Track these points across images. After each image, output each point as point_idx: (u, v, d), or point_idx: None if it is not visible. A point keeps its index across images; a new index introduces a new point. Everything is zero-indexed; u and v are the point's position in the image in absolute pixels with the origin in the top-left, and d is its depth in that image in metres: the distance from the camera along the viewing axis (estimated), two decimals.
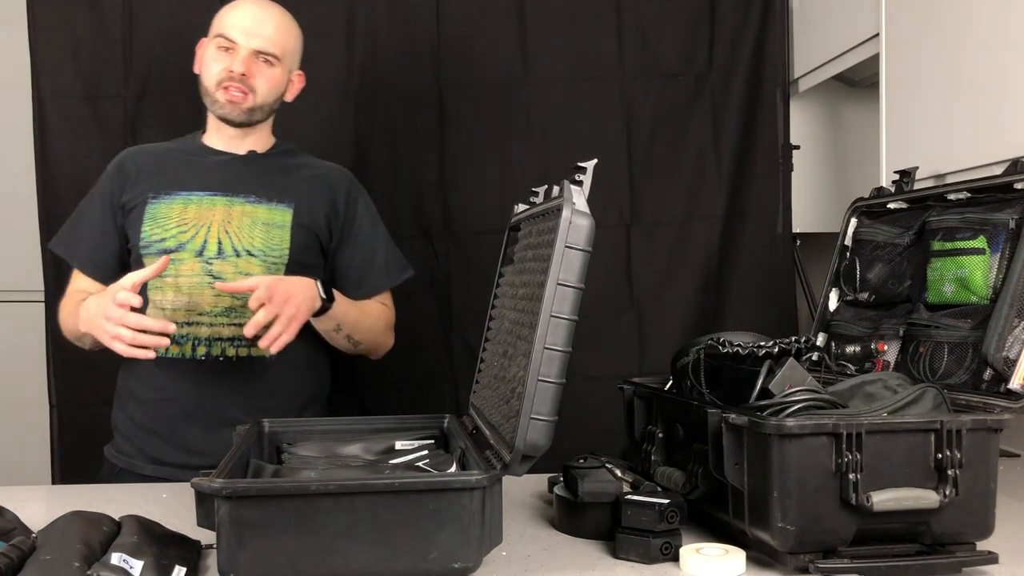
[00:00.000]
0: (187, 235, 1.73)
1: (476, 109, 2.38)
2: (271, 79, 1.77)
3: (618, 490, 1.21)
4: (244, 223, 1.75)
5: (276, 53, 1.76)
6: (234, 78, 1.73)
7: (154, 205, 1.75)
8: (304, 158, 1.90)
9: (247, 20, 1.75)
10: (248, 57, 1.73)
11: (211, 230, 1.74)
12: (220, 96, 1.75)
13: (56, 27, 2.30)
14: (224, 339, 1.72)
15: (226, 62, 1.74)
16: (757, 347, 1.21)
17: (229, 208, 1.76)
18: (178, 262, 1.72)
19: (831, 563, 1.05)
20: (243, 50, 1.73)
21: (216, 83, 1.75)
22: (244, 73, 1.73)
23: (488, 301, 1.51)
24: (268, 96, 1.78)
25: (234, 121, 1.78)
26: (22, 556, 1.00)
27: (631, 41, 2.39)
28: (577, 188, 1.07)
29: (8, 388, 2.73)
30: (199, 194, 1.76)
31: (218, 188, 1.77)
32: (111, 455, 1.80)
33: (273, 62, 1.76)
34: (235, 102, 1.75)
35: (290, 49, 1.81)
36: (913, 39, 1.80)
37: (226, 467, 1.09)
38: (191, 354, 1.71)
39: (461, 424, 1.39)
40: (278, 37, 1.77)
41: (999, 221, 1.29)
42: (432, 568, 1.00)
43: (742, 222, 2.41)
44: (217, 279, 1.71)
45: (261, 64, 1.75)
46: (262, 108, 1.78)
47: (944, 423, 1.06)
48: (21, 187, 2.36)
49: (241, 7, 1.77)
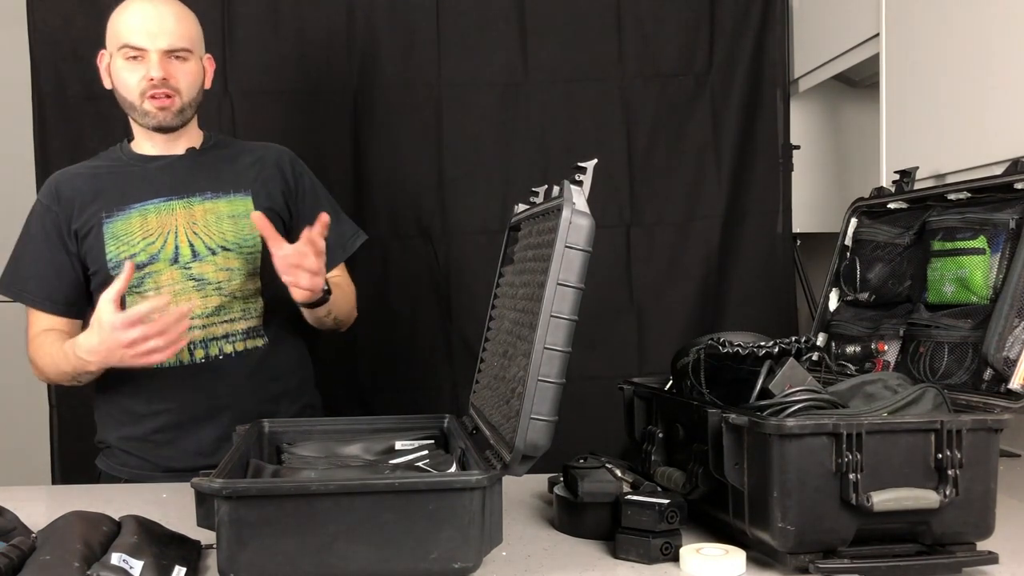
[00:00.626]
0: (156, 246, 1.70)
1: (476, 109, 2.38)
2: (190, 73, 1.72)
3: (618, 490, 1.21)
4: (210, 220, 1.73)
5: (186, 46, 1.70)
6: (156, 85, 1.67)
7: (111, 223, 1.71)
8: (240, 144, 1.88)
9: (148, 22, 1.67)
10: (161, 59, 1.67)
11: (179, 235, 1.71)
12: (148, 106, 1.70)
13: (56, 27, 2.30)
14: (219, 338, 1.72)
15: (141, 71, 1.67)
16: (757, 347, 1.21)
17: (190, 209, 1.73)
18: (155, 274, 1.69)
19: (831, 563, 1.05)
20: (154, 54, 1.66)
21: (139, 94, 1.69)
22: (164, 77, 1.67)
23: (488, 301, 1.51)
24: (192, 91, 1.73)
25: (169, 127, 1.73)
26: (22, 556, 1.01)
27: (631, 41, 2.39)
28: (577, 188, 1.07)
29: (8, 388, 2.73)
30: (154, 202, 1.72)
31: (171, 192, 1.74)
32: (109, 468, 1.77)
33: (186, 56, 1.70)
34: (165, 107, 1.70)
35: (196, 36, 1.74)
36: (913, 39, 1.80)
37: (226, 467, 1.09)
38: (189, 359, 1.71)
39: (461, 424, 1.39)
40: (182, 29, 1.70)
41: (999, 221, 1.29)
42: (432, 568, 1.00)
43: (742, 222, 2.41)
44: (201, 281, 1.70)
45: (176, 63, 1.69)
46: (191, 105, 1.74)
47: (944, 423, 1.06)
48: (21, 187, 2.36)
49: (136, 10, 1.68)
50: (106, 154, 1.83)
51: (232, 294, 1.72)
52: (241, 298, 1.74)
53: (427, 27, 2.37)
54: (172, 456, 1.72)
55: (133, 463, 1.75)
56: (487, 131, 2.38)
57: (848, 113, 2.45)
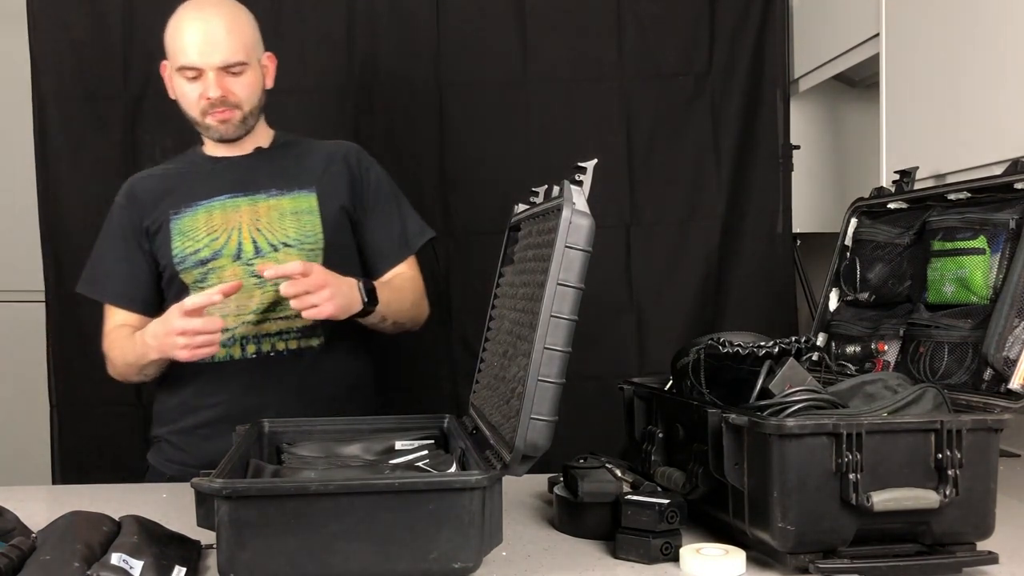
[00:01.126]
0: (219, 242, 1.72)
1: (476, 109, 2.38)
2: (248, 85, 1.73)
3: (618, 490, 1.21)
4: (273, 217, 1.74)
5: (241, 59, 1.69)
6: (214, 103, 1.70)
7: (178, 220, 1.74)
8: (309, 143, 1.89)
9: (199, 39, 1.66)
10: (218, 77, 1.68)
11: (242, 231, 1.73)
12: (209, 122, 1.73)
13: (56, 27, 2.30)
14: (272, 335, 1.72)
15: (199, 89, 1.69)
16: (757, 347, 1.21)
17: (254, 206, 1.75)
18: (218, 269, 1.71)
19: (831, 563, 1.05)
20: (210, 73, 1.67)
21: (199, 112, 1.72)
22: (223, 95, 1.69)
23: (488, 301, 1.51)
24: (252, 101, 1.75)
25: (232, 138, 1.76)
26: (22, 556, 1.01)
27: (631, 41, 2.39)
28: (577, 188, 1.07)
29: (8, 388, 2.73)
30: (220, 199, 1.75)
31: (237, 189, 1.76)
32: (159, 463, 1.79)
33: (242, 69, 1.71)
34: (226, 121, 1.72)
35: (251, 43, 1.73)
36: (913, 39, 1.80)
37: (226, 467, 1.09)
38: (240, 354, 1.72)
39: (461, 424, 1.39)
40: (236, 41, 1.69)
41: (999, 221, 1.29)
42: (432, 568, 1.00)
43: (742, 222, 2.41)
44: (262, 278, 1.70)
45: (232, 77, 1.70)
46: (252, 113, 1.76)
47: (944, 423, 1.06)
48: (21, 187, 2.36)
49: (188, 26, 1.68)
50: (180, 157, 1.87)
51: None
52: None
53: (427, 27, 2.37)
54: (214, 451, 1.71)
55: (180, 458, 1.75)
56: (487, 131, 2.38)
57: (848, 113, 2.45)
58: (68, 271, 2.30)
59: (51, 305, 2.31)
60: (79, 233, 2.28)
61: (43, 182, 2.31)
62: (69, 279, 2.30)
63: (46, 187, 2.31)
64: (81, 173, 2.31)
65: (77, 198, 2.31)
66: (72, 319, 2.29)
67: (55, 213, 2.31)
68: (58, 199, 2.31)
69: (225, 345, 1.70)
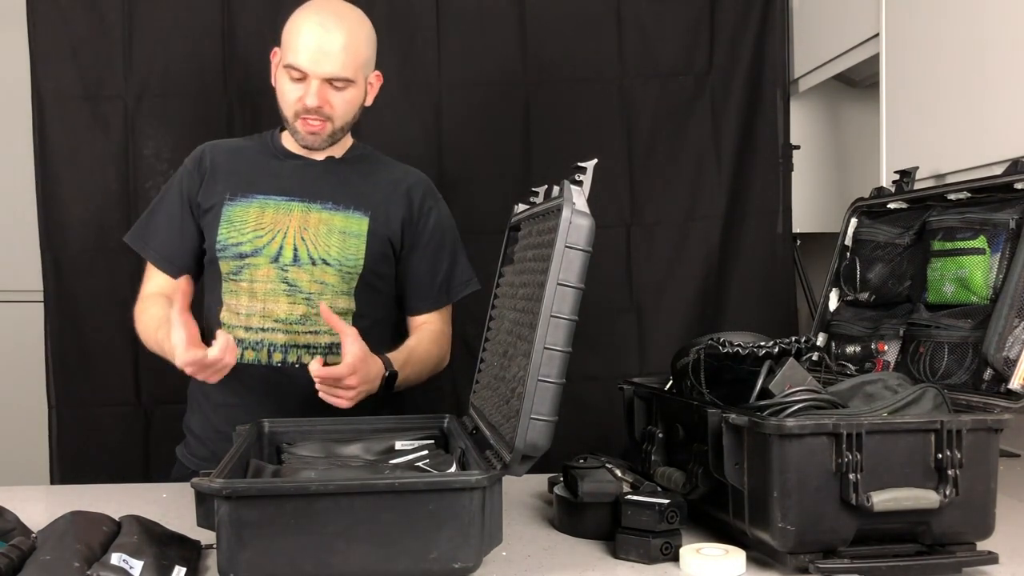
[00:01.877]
0: (263, 240, 1.71)
1: (477, 109, 2.38)
2: (347, 101, 1.71)
3: (618, 490, 1.21)
4: (320, 231, 1.72)
5: (348, 76, 1.67)
6: (309, 111, 1.68)
7: (231, 207, 1.73)
8: (382, 162, 1.86)
9: (314, 46, 1.64)
10: (320, 87, 1.66)
11: (287, 236, 1.72)
12: (299, 127, 1.71)
13: (56, 27, 2.30)
14: (300, 346, 1.71)
15: (299, 92, 1.68)
16: (757, 347, 1.21)
17: (306, 214, 1.73)
18: (254, 267, 1.71)
19: (831, 563, 1.05)
20: (315, 81, 1.65)
21: (293, 114, 1.70)
22: (319, 105, 1.67)
23: (488, 301, 1.51)
24: (347, 116, 1.73)
25: (316, 148, 1.75)
26: (22, 556, 1.01)
27: (631, 41, 2.39)
28: (577, 188, 1.07)
29: (7, 388, 2.73)
30: (276, 198, 1.74)
31: (295, 193, 1.74)
32: (184, 457, 1.79)
33: (346, 85, 1.69)
34: (315, 132, 1.71)
35: (362, 62, 1.71)
36: (913, 39, 1.80)
37: (226, 467, 1.09)
38: (267, 360, 1.71)
39: (461, 424, 1.39)
40: (348, 58, 1.66)
41: (999, 221, 1.29)
42: (432, 568, 1.00)
43: (742, 222, 2.41)
44: (292, 287, 1.70)
45: (335, 91, 1.68)
46: (343, 129, 1.75)
47: (944, 423, 1.06)
48: (21, 187, 2.36)
49: (306, 29, 1.66)
50: (258, 136, 1.86)
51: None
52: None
53: (427, 27, 2.37)
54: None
55: (202, 453, 1.75)
56: (487, 131, 2.38)
57: (848, 113, 2.45)
58: (67, 271, 2.30)
59: (50, 305, 2.31)
60: (78, 233, 2.28)
61: (42, 182, 2.30)
62: (68, 279, 2.30)
63: (46, 187, 2.30)
64: (81, 173, 2.31)
65: (77, 198, 2.31)
66: (70, 319, 2.29)
67: (54, 213, 2.31)
68: (58, 199, 2.30)
69: (253, 348, 1.70)
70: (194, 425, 1.79)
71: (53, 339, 2.30)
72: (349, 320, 1.72)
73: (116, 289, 2.20)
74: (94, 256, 2.29)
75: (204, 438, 1.77)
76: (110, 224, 2.27)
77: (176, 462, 1.81)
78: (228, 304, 1.73)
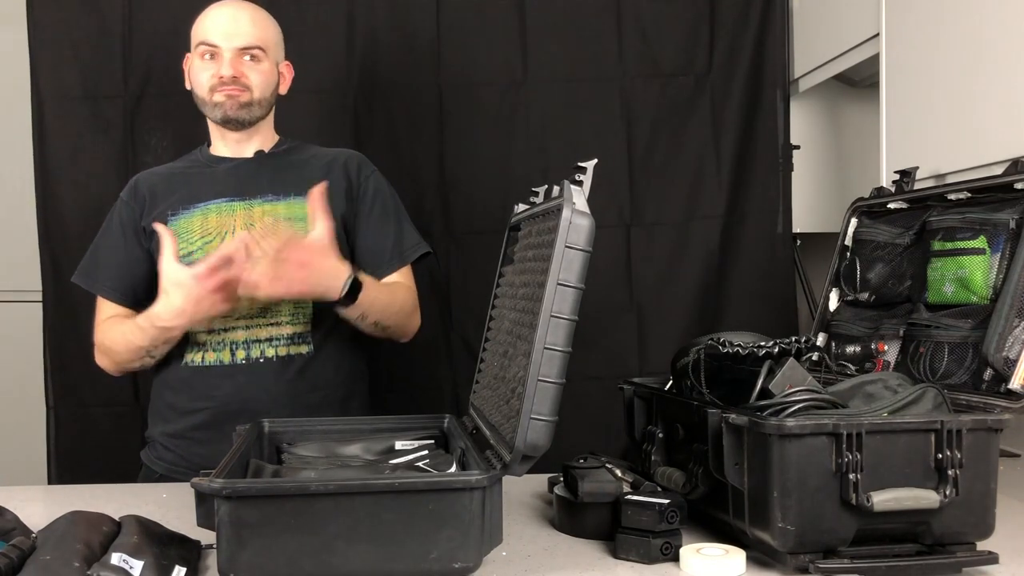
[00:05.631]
0: (212, 244, 1.72)
1: (476, 109, 2.38)
2: (262, 72, 1.76)
3: (618, 490, 1.21)
4: (266, 223, 1.74)
5: (260, 46, 1.75)
6: (225, 82, 1.73)
7: (175, 221, 1.74)
8: (312, 149, 1.89)
9: (224, 22, 1.74)
10: (234, 57, 1.73)
11: (235, 234, 1.72)
12: (217, 98, 1.75)
13: (56, 27, 2.30)
14: (262, 340, 1.72)
15: (213, 68, 1.74)
16: (757, 347, 1.21)
17: (249, 210, 1.75)
18: None
19: (831, 563, 1.05)
20: (227, 52, 1.73)
21: (208, 89, 1.75)
22: (234, 75, 1.73)
23: (488, 301, 1.51)
24: (264, 90, 1.78)
25: (236, 119, 1.77)
26: (22, 556, 1.00)
27: (631, 41, 2.39)
28: (577, 188, 1.07)
29: (4, 389, 2.73)
30: (216, 202, 1.76)
31: (233, 193, 1.77)
32: (150, 461, 1.79)
33: (260, 56, 1.76)
34: (233, 96, 1.74)
35: (272, 41, 1.80)
36: (913, 39, 1.80)
37: (226, 467, 1.09)
38: (230, 359, 1.71)
39: (461, 424, 1.39)
40: (258, 31, 1.76)
41: (999, 221, 1.29)
42: (432, 568, 1.00)
43: (742, 222, 2.41)
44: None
45: (248, 62, 1.75)
46: (260, 103, 1.78)
47: (944, 423, 1.06)
48: (21, 187, 2.36)
49: (214, 12, 1.77)
50: (186, 156, 1.89)
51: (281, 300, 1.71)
52: (290, 302, 1.73)
53: (427, 27, 2.37)
54: (206, 455, 1.71)
55: (170, 458, 1.75)
56: (487, 131, 2.38)
57: (848, 113, 2.45)
58: (66, 271, 2.29)
59: (48, 305, 2.31)
60: (77, 233, 2.28)
61: (42, 182, 2.31)
62: (67, 279, 2.29)
63: (45, 187, 2.31)
64: (81, 173, 2.31)
65: (76, 198, 2.31)
66: (69, 319, 2.28)
67: (54, 213, 2.31)
68: (57, 199, 2.31)
69: (215, 349, 1.71)
70: (156, 435, 1.79)
71: (51, 339, 2.31)
72: (309, 306, 1.74)
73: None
74: None
75: (169, 446, 1.76)
76: None
77: (143, 466, 1.81)
78: None
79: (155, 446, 1.79)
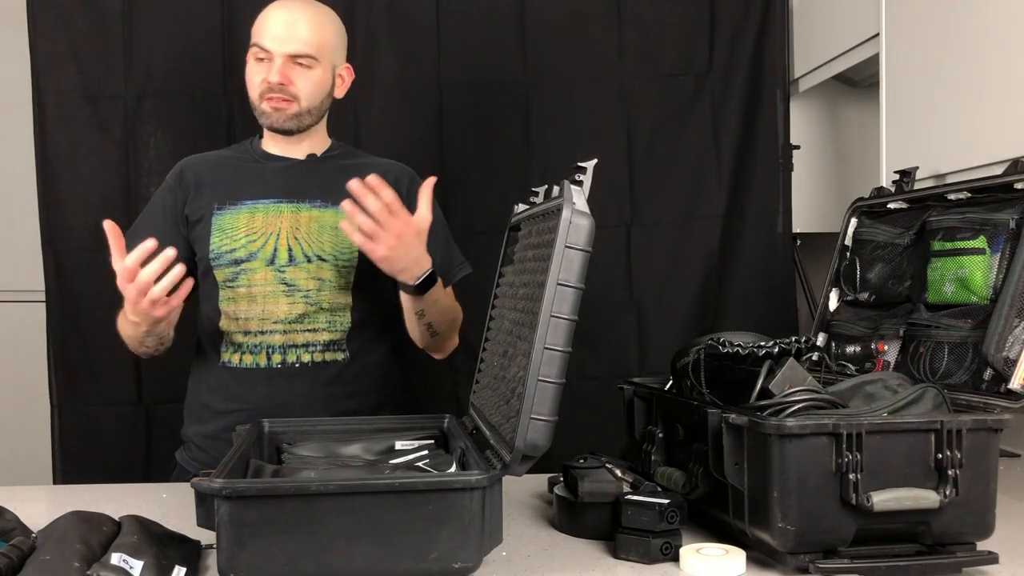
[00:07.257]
0: (256, 244, 1.71)
1: (476, 109, 2.38)
2: (312, 81, 1.72)
3: (618, 490, 1.21)
4: (312, 228, 1.73)
5: (312, 54, 1.70)
6: (273, 88, 1.69)
7: (220, 216, 1.73)
8: (364, 157, 1.87)
9: (278, 26, 1.69)
10: (284, 64, 1.68)
11: (280, 238, 1.72)
12: (265, 107, 1.72)
13: (56, 27, 2.30)
14: (299, 346, 1.71)
15: (263, 72, 1.70)
16: (757, 347, 1.21)
17: (296, 214, 1.73)
18: (250, 272, 1.70)
19: (831, 563, 1.05)
20: (278, 58, 1.68)
21: (258, 95, 1.72)
22: (282, 82, 1.68)
23: (488, 301, 1.51)
24: (313, 99, 1.74)
25: (283, 130, 1.75)
26: (22, 556, 1.01)
27: (631, 41, 2.39)
28: (577, 188, 1.07)
29: (8, 388, 2.73)
30: (264, 202, 1.74)
31: (283, 195, 1.75)
32: (184, 461, 1.79)
33: (311, 64, 1.71)
34: (280, 110, 1.71)
35: (329, 46, 1.74)
36: (913, 39, 1.80)
37: (226, 467, 1.09)
38: (266, 363, 1.71)
39: (461, 424, 1.39)
40: (312, 37, 1.70)
41: (999, 221, 1.29)
42: (432, 568, 1.00)
43: (742, 222, 2.41)
44: (291, 287, 1.70)
45: (299, 68, 1.70)
46: (309, 112, 1.74)
47: (944, 423, 1.06)
48: (21, 187, 2.36)
49: (272, 13, 1.72)
50: (237, 146, 1.87)
51: (319, 304, 1.71)
52: (328, 310, 1.72)
53: (427, 27, 2.37)
54: None
55: (203, 459, 1.75)
56: (487, 131, 2.38)
57: (848, 113, 2.45)
58: (68, 271, 2.30)
59: (51, 305, 2.31)
60: (79, 233, 2.28)
61: (43, 182, 2.31)
62: (69, 278, 2.30)
63: (46, 187, 2.31)
64: (81, 173, 2.31)
65: (77, 198, 2.31)
66: (72, 319, 2.29)
67: (55, 213, 2.31)
68: (58, 199, 2.31)
69: (251, 352, 1.71)
70: (191, 434, 1.79)
71: (55, 339, 2.31)
72: (347, 315, 1.73)
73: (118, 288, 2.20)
74: (95, 255, 2.28)
75: (203, 446, 1.76)
76: None
77: (176, 466, 1.81)
78: (226, 312, 1.73)
79: (190, 447, 1.79)
